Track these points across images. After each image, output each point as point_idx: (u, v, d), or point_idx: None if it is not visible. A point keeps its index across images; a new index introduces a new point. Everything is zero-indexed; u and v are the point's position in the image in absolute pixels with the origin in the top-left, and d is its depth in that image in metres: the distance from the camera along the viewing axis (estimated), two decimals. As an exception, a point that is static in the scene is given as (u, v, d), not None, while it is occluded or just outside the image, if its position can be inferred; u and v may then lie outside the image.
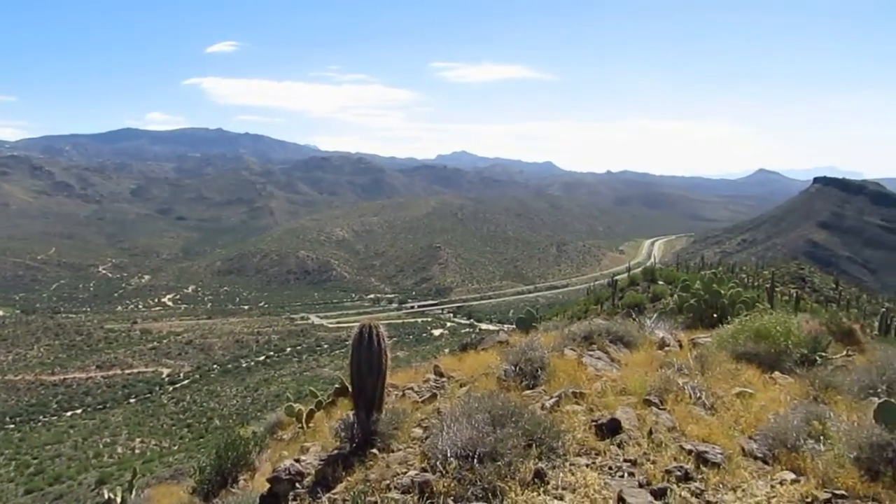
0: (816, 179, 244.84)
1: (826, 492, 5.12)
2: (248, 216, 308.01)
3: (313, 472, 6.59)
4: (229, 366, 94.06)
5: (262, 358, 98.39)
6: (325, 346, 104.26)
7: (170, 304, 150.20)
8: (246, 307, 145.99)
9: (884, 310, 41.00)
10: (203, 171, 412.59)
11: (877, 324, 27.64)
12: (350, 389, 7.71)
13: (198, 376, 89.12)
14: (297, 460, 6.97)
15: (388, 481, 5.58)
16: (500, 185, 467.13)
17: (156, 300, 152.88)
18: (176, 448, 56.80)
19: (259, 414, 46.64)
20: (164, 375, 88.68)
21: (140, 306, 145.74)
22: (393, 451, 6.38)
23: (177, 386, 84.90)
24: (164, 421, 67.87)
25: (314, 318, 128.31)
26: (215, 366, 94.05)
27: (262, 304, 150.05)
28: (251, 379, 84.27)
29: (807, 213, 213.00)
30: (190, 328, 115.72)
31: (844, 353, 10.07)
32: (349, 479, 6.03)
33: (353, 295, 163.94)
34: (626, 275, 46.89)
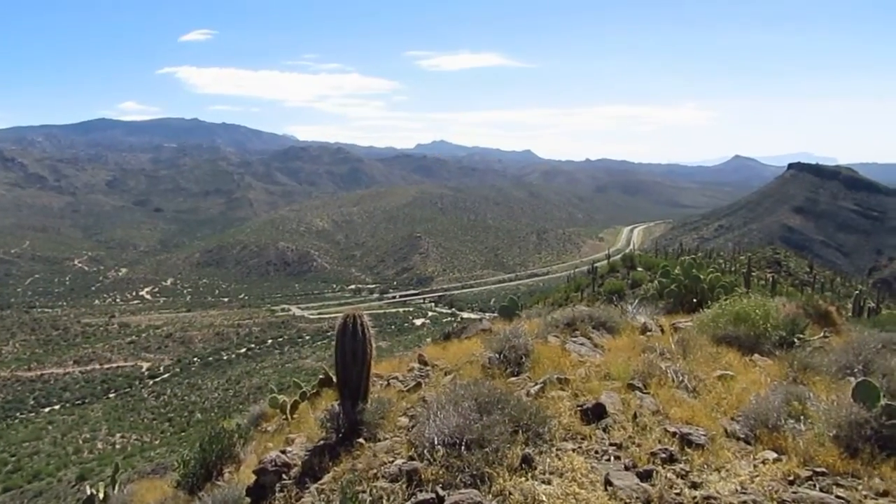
0: (791, 165, 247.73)
1: (807, 469, 5.22)
2: (227, 207, 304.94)
3: (300, 462, 6.58)
4: (210, 359, 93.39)
5: (243, 350, 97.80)
6: (307, 337, 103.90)
7: (148, 297, 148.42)
8: (226, 299, 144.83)
9: (857, 292, 41.77)
10: (180, 161, 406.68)
11: (851, 306, 28.24)
12: (335, 379, 7.69)
13: (178, 370, 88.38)
14: (283, 451, 6.95)
15: (375, 470, 5.59)
16: (479, 173, 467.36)
17: (134, 293, 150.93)
18: (157, 442, 56.37)
19: (241, 406, 46.41)
20: (143, 369, 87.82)
21: (118, 300, 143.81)
22: (379, 441, 6.39)
23: (157, 380, 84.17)
24: (145, 415, 67.30)
25: (295, 310, 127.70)
26: (196, 359, 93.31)
27: (242, 296, 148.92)
28: (232, 371, 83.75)
29: (782, 199, 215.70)
30: (169, 321, 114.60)
31: (821, 334, 10.24)
32: (336, 469, 6.03)
33: (334, 286, 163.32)
34: (605, 262, 47.19)
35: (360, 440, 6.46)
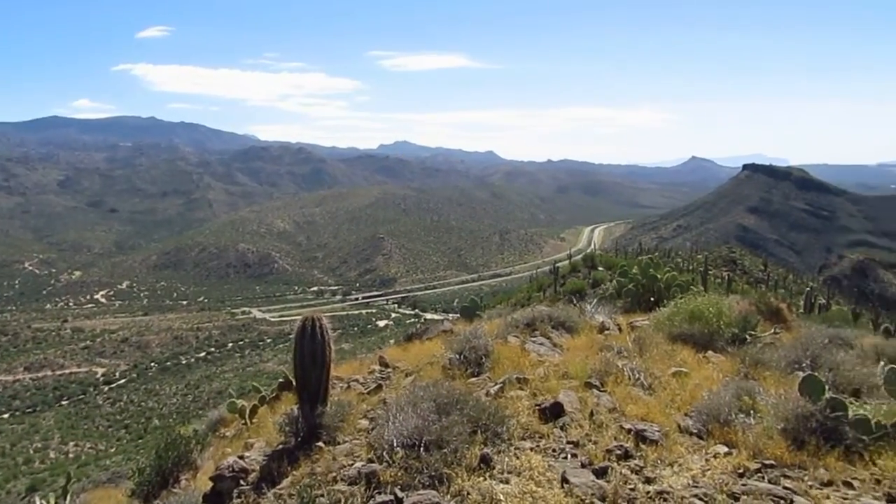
0: (745, 166, 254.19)
1: (756, 462, 5.38)
2: (185, 208, 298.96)
3: (258, 468, 6.50)
4: (168, 363, 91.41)
5: (202, 354, 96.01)
6: (269, 340, 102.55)
7: (103, 300, 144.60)
8: (184, 302, 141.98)
9: (808, 289, 43.01)
10: (136, 161, 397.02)
11: (802, 302, 29.09)
12: (294, 383, 7.62)
13: (135, 375, 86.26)
14: (241, 457, 6.85)
15: (334, 473, 5.57)
16: (442, 174, 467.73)
17: (88, 297, 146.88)
18: (113, 450, 54.92)
19: (201, 412, 45.58)
20: (98, 375, 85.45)
21: (71, 304, 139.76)
22: (339, 444, 6.35)
23: (112, 386, 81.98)
24: (100, 423, 65.49)
25: (256, 312, 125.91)
26: (153, 364, 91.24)
27: (201, 298, 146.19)
28: (192, 376, 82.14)
29: (737, 199, 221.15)
30: (125, 325, 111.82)
31: (772, 330, 10.55)
32: (295, 473, 5.98)
33: (296, 287, 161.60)
34: (567, 262, 47.67)
35: (320, 444, 6.41)
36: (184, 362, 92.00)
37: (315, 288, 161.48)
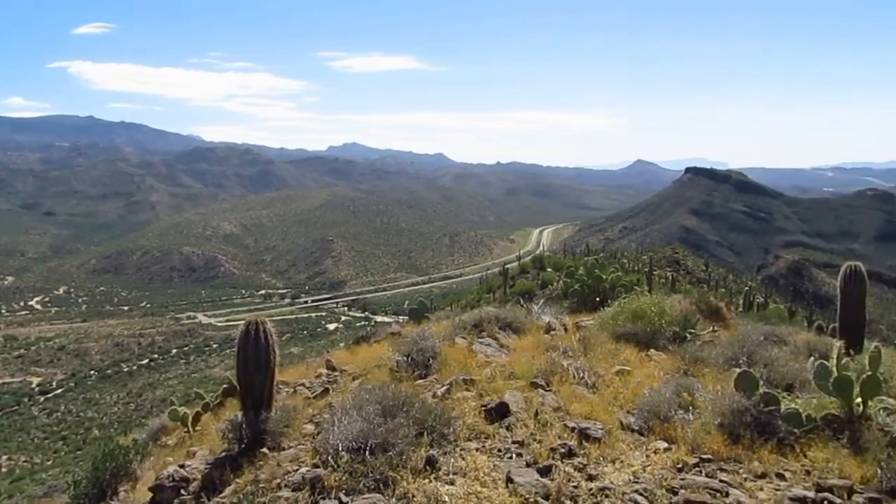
0: (688, 169, 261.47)
1: (695, 457, 5.55)
2: (126, 210, 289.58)
3: (200, 476, 6.35)
4: (109, 371, 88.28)
5: (145, 361, 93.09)
6: (215, 345, 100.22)
7: (38, 307, 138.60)
8: (126, 308, 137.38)
9: (747, 288, 44.52)
10: (73, 162, 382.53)
11: (741, 301, 30.12)
12: (238, 388, 7.48)
13: (73, 384, 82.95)
14: (182, 466, 6.68)
15: (278, 480, 5.49)
16: (392, 176, 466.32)
17: (21, 303, 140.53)
18: (50, 463, 52.72)
19: (143, 421, 44.18)
20: (33, 385, 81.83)
21: (3, 311, 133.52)
22: (284, 449, 6.27)
23: (49, 396, 78.60)
24: (36, 435, 62.77)
25: (202, 317, 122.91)
26: (93, 372, 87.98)
27: (143, 304, 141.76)
28: (134, 384, 79.55)
29: (680, 201, 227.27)
30: (62, 333, 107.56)
31: (711, 329, 10.88)
32: (238, 480, 5.87)
33: (244, 291, 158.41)
34: (516, 263, 48.14)
35: (264, 450, 6.32)
36: (125, 370, 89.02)
37: (263, 291, 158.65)
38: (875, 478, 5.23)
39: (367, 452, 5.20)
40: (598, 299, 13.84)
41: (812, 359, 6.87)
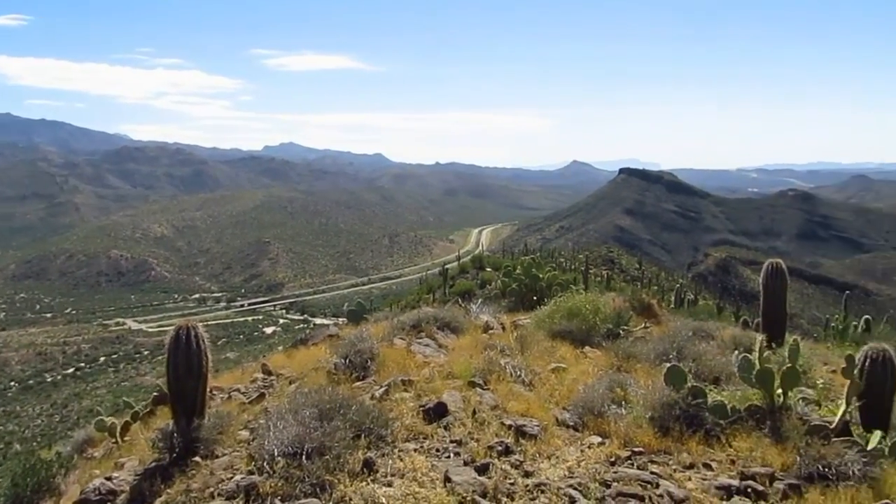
0: (622, 170, 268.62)
1: (627, 450, 5.71)
2: (48, 213, 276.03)
3: (128, 488, 6.12)
4: (31, 382, 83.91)
5: (70, 370, 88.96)
6: (146, 352, 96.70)
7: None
8: (49, 315, 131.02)
9: (678, 286, 46.07)
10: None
11: (673, 298, 31.15)
12: (169, 396, 7.24)
13: (-9, 396, 78.74)
14: (109, 478, 6.43)
15: (212, 489, 5.35)
16: (330, 177, 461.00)
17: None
18: (-34, 480, 49.83)
19: (69, 433, 42.28)
20: (-52, 398, 77.23)
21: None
22: (218, 457, 6.11)
23: (-35, 409, 74.37)
24: (-49, 451, 59.24)
25: (131, 323, 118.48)
26: (13, 383, 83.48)
27: (68, 310, 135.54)
28: (58, 395, 75.91)
29: (614, 201, 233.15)
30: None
31: (643, 325, 11.21)
32: (169, 491, 5.69)
33: (176, 295, 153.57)
34: (456, 263, 48.37)
35: (197, 458, 6.14)
36: (49, 380, 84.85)
37: (197, 295, 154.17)
38: (795, 464, 5.50)
39: (303, 457, 5.12)
40: (535, 298, 14.02)
41: (737, 352, 7.15)
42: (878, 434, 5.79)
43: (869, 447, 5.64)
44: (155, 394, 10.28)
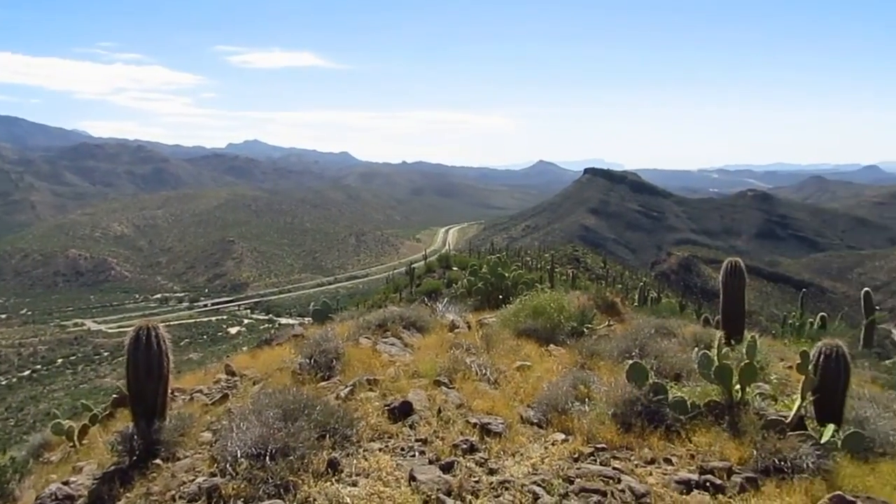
0: (587, 170, 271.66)
1: (590, 447, 5.79)
2: (2, 211, 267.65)
3: (86, 493, 5.98)
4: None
5: (27, 373, 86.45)
6: (105, 353, 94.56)
7: None
8: (3, 316, 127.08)
9: (642, 284, 46.79)
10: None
11: (637, 296, 31.65)
12: (129, 398, 7.10)
13: (-58, 400, 76.11)
14: (67, 482, 6.27)
15: (173, 492, 5.27)
16: (295, 175, 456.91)
17: None
18: (-84, 487, 48.11)
19: (24, 437, 41.11)
20: None
21: None
22: (179, 460, 6.02)
23: (-86, 414, 71.79)
24: None
25: (90, 324, 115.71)
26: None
27: (24, 311, 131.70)
28: (14, 398, 73.77)
29: (580, 201, 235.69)
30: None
31: (607, 323, 11.35)
32: (128, 495, 5.58)
33: (137, 296, 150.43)
34: (423, 262, 48.39)
35: (158, 461, 6.03)
36: (4, 383, 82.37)
37: (159, 295, 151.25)
38: (752, 458, 5.64)
39: (266, 458, 5.08)
40: (501, 297, 14.10)
41: (697, 349, 7.30)
42: (831, 427, 5.98)
43: (823, 440, 5.82)
44: (114, 396, 10.06)
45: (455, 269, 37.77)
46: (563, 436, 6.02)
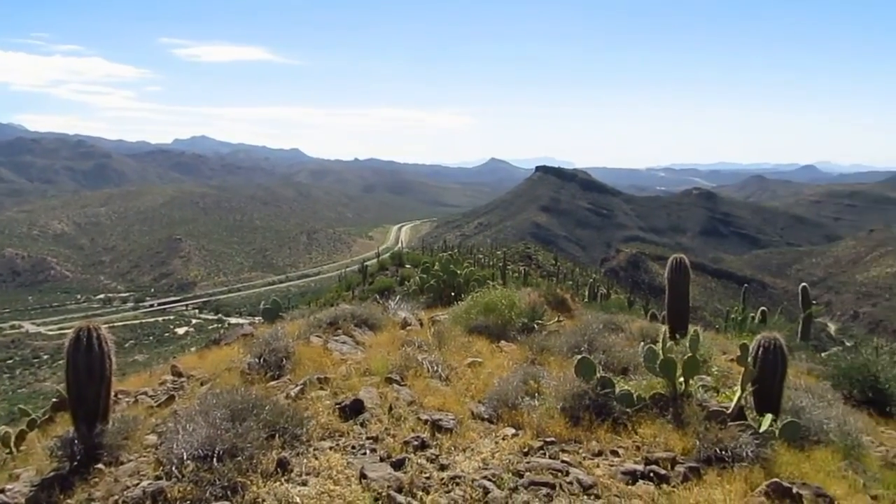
0: (538, 168, 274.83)
1: (539, 440, 5.87)
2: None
3: (23, 500, 5.77)
4: (-86, 391, 77.59)
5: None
6: (45, 356, 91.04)
7: None
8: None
9: (592, 280, 47.57)
10: None
11: (587, 292, 32.20)
12: (69, 402, 6.87)
13: None
14: (2, 490, 6.04)
15: (116, 496, 5.12)
16: (244, 172, 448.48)
17: None
18: None
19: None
20: None
21: None
22: (123, 464, 5.85)
23: None
24: None
25: (29, 326, 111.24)
26: None
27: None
28: (-54, 404, 70.54)
29: (531, 199, 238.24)
30: None
31: (557, 319, 11.52)
32: (69, 501, 5.41)
33: (79, 296, 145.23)
34: (375, 260, 48.23)
35: (100, 466, 5.86)
36: (-65, 388, 78.70)
37: (102, 295, 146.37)
38: (694, 448, 5.82)
39: (214, 459, 4.98)
40: (453, 294, 14.17)
41: (643, 344, 7.47)
42: (769, 417, 6.21)
43: (761, 430, 6.04)
44: (54, 400, 9.73)
45: (408, 266, 37.79)
46: (513, 430, 6.09)
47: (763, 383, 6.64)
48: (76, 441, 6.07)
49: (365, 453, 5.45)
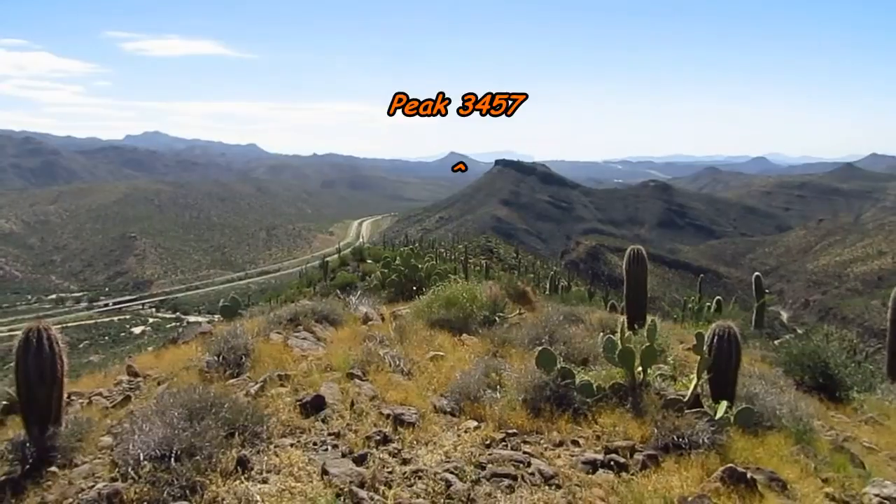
0: (497, 162, 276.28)
1: (501, 432, 5.93)
2: None
3: (-28, 508, 5.60)
4: None
5: None
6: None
7: None
8: None
9: (552, 273, 48.12)
10: None
11: (548, 285, 32.55)
12: (20, 404, 6.67)
13: None
14: (-51, 497, 5.85)
15: (70, 499, 5.01)
16: (200, 168, 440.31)
17: None
18: None
19: None
20: None
21: None
22: (77, 466, 5.71)
23: None
24: None
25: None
26: None
27: None
28: None
29: (492, 192, 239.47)
30: None
31: (518, 312, 11.61)
32: (20, 505, 5.26)
33: (29, 296, 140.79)
34: (336, 255, 47.87)
35: (53, 469, 5.70)
36: None
37: (54, 296, 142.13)
38: (652, 436, 5.95)
39: (171, 459, 4.89)
40: (414, 288, 14.16)
41: (602, 334, 7.59)
42: (724, 404, 6.38)
43: (716, 417, 6.21)
44: (4, 402, 9.41)
45: (369, 261, 37.61)
46: (475, 423, 6.12)
47: (718, 371, 6.82)
48: (28, 444, 5.92)
49: (326, 449, 5.42)
